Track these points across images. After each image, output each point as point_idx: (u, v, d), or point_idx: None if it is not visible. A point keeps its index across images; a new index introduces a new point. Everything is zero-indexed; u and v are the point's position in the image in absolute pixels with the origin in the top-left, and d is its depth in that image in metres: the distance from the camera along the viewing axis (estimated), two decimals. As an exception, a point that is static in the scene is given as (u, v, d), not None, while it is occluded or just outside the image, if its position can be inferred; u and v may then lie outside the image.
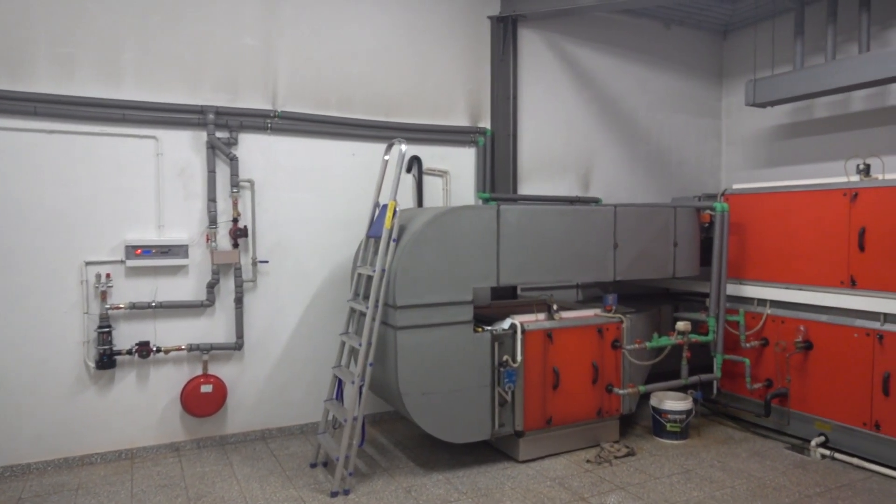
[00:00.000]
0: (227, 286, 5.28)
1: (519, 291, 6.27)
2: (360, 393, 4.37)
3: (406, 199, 5.97)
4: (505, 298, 6.07)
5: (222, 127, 5.21)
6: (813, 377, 5.15)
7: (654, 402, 5.43)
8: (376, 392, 5.14)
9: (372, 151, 5.76)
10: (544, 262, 4.94)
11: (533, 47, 6.60)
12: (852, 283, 4.87)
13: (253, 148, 5.36)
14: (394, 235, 4.44)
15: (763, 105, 6.48)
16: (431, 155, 6.11)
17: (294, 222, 5.52)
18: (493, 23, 6.34)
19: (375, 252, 4.61)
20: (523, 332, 4.76)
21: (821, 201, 5.09)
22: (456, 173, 6.25)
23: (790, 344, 5.24)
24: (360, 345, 4.38)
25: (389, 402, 5.10)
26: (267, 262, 5.40)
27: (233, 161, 5.21)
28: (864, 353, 4.78)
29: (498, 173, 6.39)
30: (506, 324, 4.83)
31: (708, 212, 5.69)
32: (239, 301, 5.28)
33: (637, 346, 5.19)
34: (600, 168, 7.09)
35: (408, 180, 6.00)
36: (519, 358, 4.73)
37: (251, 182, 5.34)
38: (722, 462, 4.90)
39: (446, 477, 4.63)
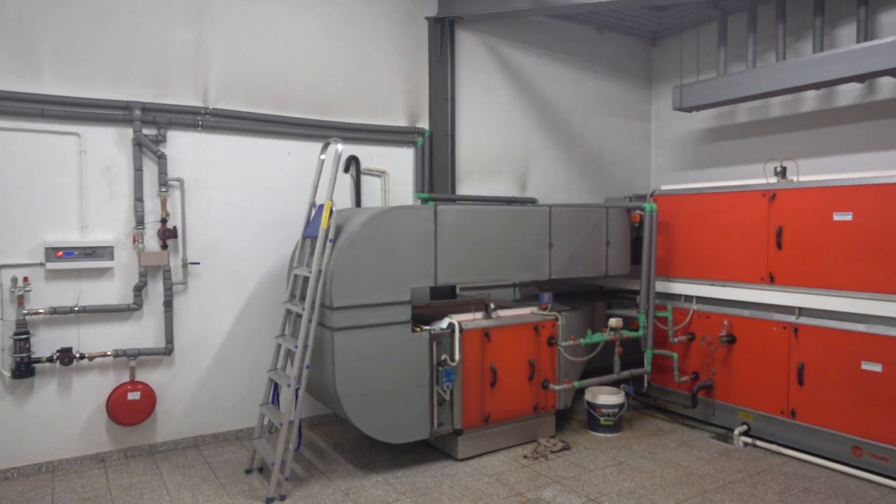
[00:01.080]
0: (156, 289, 5.09)
1: (458, 291, 6.32)
2: (297, 396, 4.30)
3: (344, 199, 5.92)
4: (444, 298, 6.10)
5: (150, 124, 5.02)
6: (736, 369, 5.41)
7: (588, 396, 5.58)
8: (314, 394, 5.08)
9: (308, 150, 5.68)
10: (481, 261, 5.00)
11: (471, 49, 6.67)
12: (771, 280, 5.15)
13: (183, 146, 5.19)
14: (330, 236, 4.39)
15: (689, 109, 6.77)
16: (370, 155, 6.08)
17: (227, 223, 5.38)
18: (431, 24, 6.36)
19: (312, 253, 4.55)
20: (461, 331, 4.80)
21: (742, 202, 5.35)
22: (395, 173, 6.24)
23: (715, 338, 5.49)
24: (297, 347, 4.31)
25: (327, 405, 5.04)
26: (198, 263, 5.24)
27: (161, 159, 5.03)
28: (781, 346, 5.07)
29: (436, 173, 6.42)
30: (444, 323, 4.86)
31: (638, 212, 5.89)
32: (168, 304, 5.10)
33: (572, 342, 5.32)
34: (537, 169, 7.23)
35: (346, 180, 5.94)
36: (457, 357, 4.76)
37: (181, 181, 5.17)
38: (652, 453, 5.08)
39: (385, 478, 4.61)
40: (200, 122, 5.22)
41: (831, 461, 4.73)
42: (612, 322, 5.55)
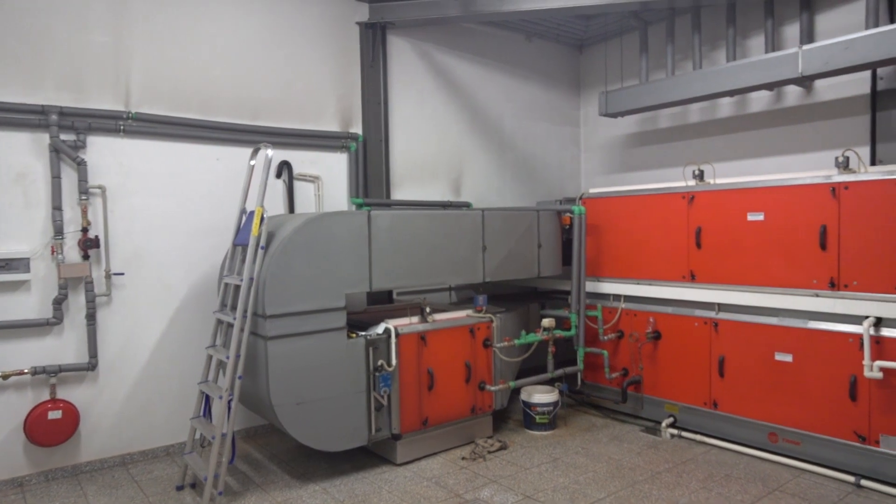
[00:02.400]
0: (77, 302, 4.87)
1: (395, 296, 6.33)
2: (230, 407, 4.21)
3: (277, 206, 5.83)
4: (381, 303, 6.10)
5: (68, 129, 4.81)
6: (662, 364, 5.66)
7: (524, 396, 5.70)
8: (248, 405, 4.97)
9: (238, 156, 5.57)
10: (417, 265, 5.03)
11: (403, 55, 6.70)
12: (692, 278, 5.41)
13: (104, 151, 4.99)
14: (262, 243, 4.32)
15: (614, 115, 7.03)
16: (302, 160, 6.02)
17: (154, 231, 5.21)
18: (362, 29, 6.36)
19: (243, 260, 4.46)
20: (397, 335, 4.82)
21: (664, 204, 5.61)
22: (328, 179, 6.20)
23: (642, 335, 5.72)
24: (228, 357, 4.22)
25: (262, 415, 4.94)
26: (122, 274, 5.04)
27: (81, 166, 4.82)
28: (703, 340, 5.33)
29: (371, 178, 6.42)
30: (380, 328, 4.86)
31: (568, 215, 6.07)
32: (91, 317, 4.88)
33: (507, 343, 5.43)
34: (470, 173, 7.34)
35: (278, 186, 5.86)
36: (394, 362, 4.78)
37: (102, 188, 4.97)
38: (585, 448, 5.25)
39: (323, 487, 4.57)
40: (122, 127, 5.04)
41: (750, 448, 5.01)
42: (545, 322, 5.70)
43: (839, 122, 5.89)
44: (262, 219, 4.35)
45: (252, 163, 4.92)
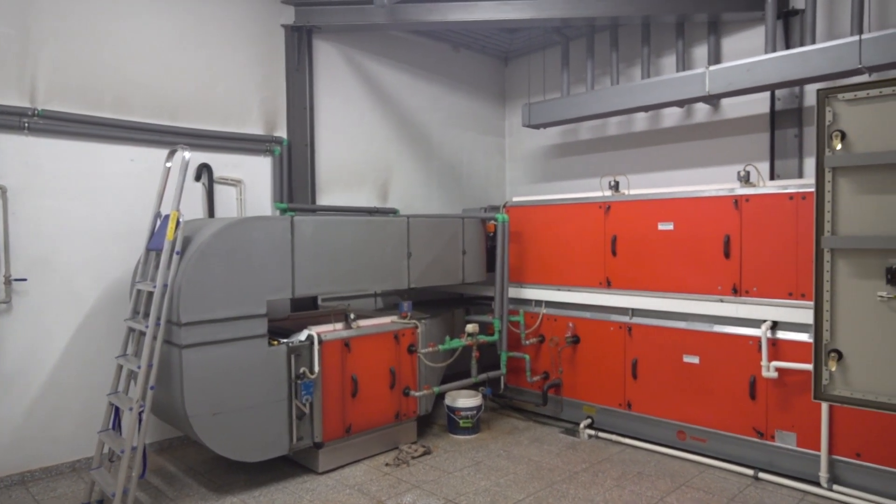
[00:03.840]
0: (-28, 309, 4.55)
1: (320, 302, 6.26)
2: (140, 419, 4.04)
3: (196, 210, 5.65)
4: (305, 310, 6.02)
5: (-37, 125, 4.50)
6: (581, 367, 5.86)
7: (448, 401, 5.76)
8: (162, 417, 4.79)
9: (155, 157, 5.36)
10: (341, 272, 5.00)
11: (329, 60, 6.66)
12: (608, 284, 5.64)
13: (6, 150, 4.69)
14: (177, 248, 4.18)
15: (537, 126, 7.25)
16: (224, 163, 5.86)
17: (61, 234, 4.93)
18: (288, 31, 6.28)
19: (157, 266, 4.30)
20: (320, 342, 4.77)
21: (582, 213, 5.82)
22: (251, 183, 6.07)
23: (562, 339, 5.91)
24: (140, 367, 4.05)
25: (177, 427, 4.77)
26: (25, 279, 4.75)
27: (-22, 165, 4.52)
28: (618, 344, 5.56)
29: (296, 183, 6.33)
30: (303, 335, 4.80)
31: (492, 222, 6.20)
32: (-12, 326, 4.57)
33: (431, 349, 5.47)
34: (398, 180, 7.36)
35: (198, 190, 5.68)
36: (316, 369, 4.72)
37: (3, 189, 4.66)
38: (507, 451, 5.35)
39: (241, 499, 4.45)
40: (27, 125, 4.76)
41: (661, 446, 5.26)
42: (469, 328, 5.78)
43: (743, 139, 6.31)
44: (177, 223, 4.21)
45: (168, 164, 4.75)
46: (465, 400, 5.72)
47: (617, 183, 5.77)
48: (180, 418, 4.31)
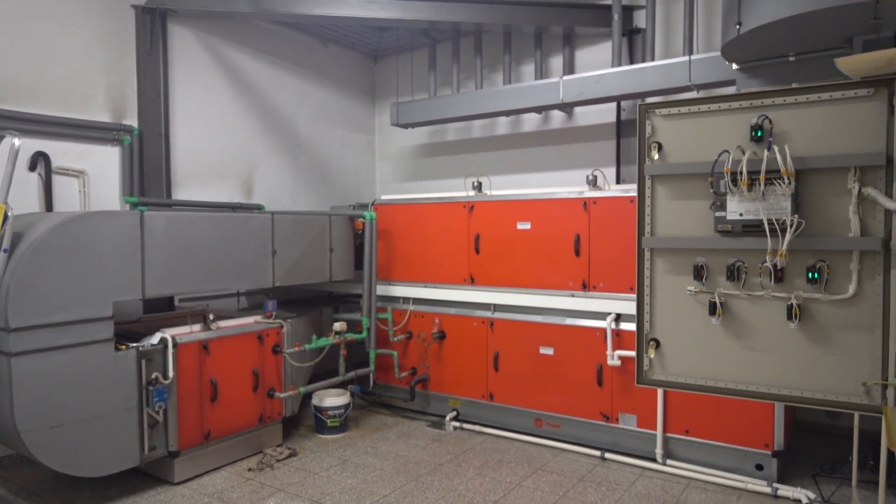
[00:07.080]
0: None
1: (177, 303, 5.92)
2: (-40, 437, 3.60)
3: (31, 203, 5.12)
4: (160, 311, 5.66)
5: None
6: (447, 362, 6.03)
7: (315, 400, 5.68)
8: (-13, 434, 4.29)
9: (-23, 144, 4.78)
10: (199, 270, 4.76)
11: (187, 46, 6.30)
12: (472, 281, 5.86)
13: None
14: (5, 245, 3.76)
15: (405, 126, 7.35)
16: (65, 152, 5.36)
17: None
18: (139, 13, 5.85)
19: (-20, 266, 3.84)
20: (175, 345, 4.51)
21: (448, 212, 5.99)
22: (97, 175, 5.59)
23: (429, 335, 6.04)
24: (-41, 379, 3.61)
25: (6, 444, 4.29)
26: None
27: None
28: (481, 338, 5.80)
29: (149, 176, 5.92)
30: (155, 338, 4.51)
31: (360, 220, 6.20)
32: None
33: (297, 349, 5.37)
34: (263, 175, 7.13)
35: (33, 181, 5.15)
36: (171, 374, 4.46)
37: None
38: (375, 447, 5.39)
39: (84, 516, 4.12)
40: None
41: (520, 433, 5.56)
42: (337, 326, 5.74)
43: (594, 145, 6.81)
44: (5, 217, 3.79)
45: (-5, 153, 4.26)
46: (332, 399, 5.67)
47: (480, 184, 6.00)
48: (10, 434, 3.89)
